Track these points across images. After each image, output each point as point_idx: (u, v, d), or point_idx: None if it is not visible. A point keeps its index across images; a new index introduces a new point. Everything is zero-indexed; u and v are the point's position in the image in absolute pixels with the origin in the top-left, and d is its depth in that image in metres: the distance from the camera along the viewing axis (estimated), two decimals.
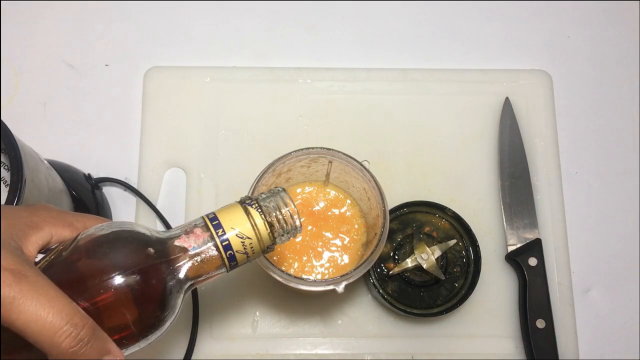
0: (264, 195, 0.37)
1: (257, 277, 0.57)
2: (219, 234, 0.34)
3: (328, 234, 0.53)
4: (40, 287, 0.29)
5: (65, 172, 0.56)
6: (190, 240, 0.34)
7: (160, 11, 0.67)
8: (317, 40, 0.67)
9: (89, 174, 0.59)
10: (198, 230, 0.35)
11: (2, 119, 0.43)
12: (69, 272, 0.32)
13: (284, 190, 0.37)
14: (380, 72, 0.64)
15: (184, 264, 0.34)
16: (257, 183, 0.47)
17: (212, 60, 0.65)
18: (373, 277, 0.54)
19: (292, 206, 0.37)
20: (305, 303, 0.57)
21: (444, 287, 0.55)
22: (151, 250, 0.33)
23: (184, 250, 0.34)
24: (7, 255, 0.30)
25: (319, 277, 0.51)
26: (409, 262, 0.53)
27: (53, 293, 0.29)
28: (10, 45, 0.65)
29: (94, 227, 0.35)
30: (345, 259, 0.52)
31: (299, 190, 0.54)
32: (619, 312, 0.59)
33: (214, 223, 0.35)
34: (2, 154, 0.44)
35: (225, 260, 0.35)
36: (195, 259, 0.34)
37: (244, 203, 0.36)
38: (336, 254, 0.52)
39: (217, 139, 0.61)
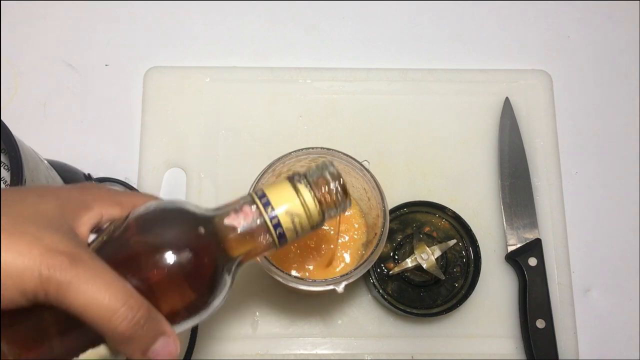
0: (312, 171, 0.36)
1: (257, 277, 0.57)
2: (268, 211, 0.34)
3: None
4: (95, 270, 0.29)
5: (65, 172, 0.56)
6: (239, 219, 0.34)
7: (160, 11, 0.67)
8: (317, 40, 0.67)
9: (89, 174, 0.59)
10: (247, 209, 0.34)
11: (2, 119, 0.43)
12: (121, 252, 0.33)
13: (332, 164, 0.37)
14: (380, 72, 0.64)
15: (233, 242, 0.34)
16: (256, 183, 0.47)
17: (212, 60, 0.65)
18: (373, 277, 0.54)
19: (342, 180, 0.36)
20: (305, 303, 0.57)
21: (444, 287, 0.55)
22: (202, 229, 0.33)
23: (234, 228, 0.34)
24: (62, 239, 0.30)
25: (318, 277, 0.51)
26: (409, 262, 0.53)
27: (109, 276, 0.30)
28: (10, 45, 0.65)
29: (144, 206, 0.35)
30: (346, 259, 0.52)
31: None
32: (619, 312, 0.59)
33: (262, 201, 0.34)
34: (2, 154, 0.44)
35: (275, 238, 0.35)
36: (245, 237, 0.34)
37: (292, 180, 0.35)
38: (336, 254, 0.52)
39: (217, 139, 0.61)
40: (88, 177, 0.58)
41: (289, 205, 0.34)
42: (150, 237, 0.33)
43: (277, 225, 0.34)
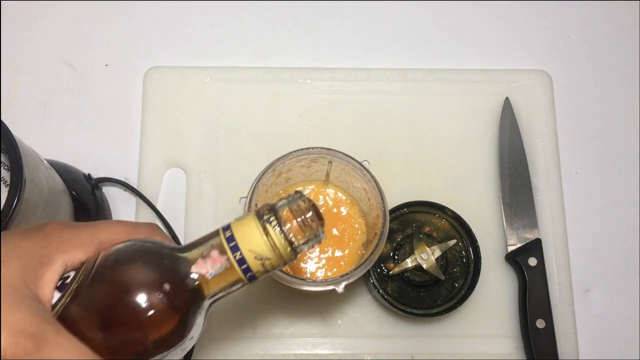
0: (279, 205, 0.35)
1: None
2: (237, 257, 0.34)
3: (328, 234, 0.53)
4: (61, 349, 0.29)
5: (65, 172, 0.56)
6: (207, 266, 0.34)
7: (160, 11, 0.67)
8: (317, 40, 0.67)
9: (89, 174, 0.59)
10: (215, 254, 0.34)
11: (2, 119, 0.43)
12: (88, 312, 0.33)
13: (302, 194, 0.35)
14: (380, 72, 0.64)
15: (203, 287, 0.34)
16: (257, 183, 0.47)
17: (212, 60, 0.65)
18: (373, 277, 0.54)
19: (313, 211, 0.35)
20: (305, 303, 0.57)
21: (444, 287, 0.55)
22: (167, 285, 0.33)
23: (202, 275, 0.34)
24: (26, 316, 0.29)
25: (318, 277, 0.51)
26: (409, 262, 0.53)
27: (75, 351, 0.30)
28: (10, 45, 0.65)
29: (104, 256, 0.34)
30: (346, 259, 0.52)
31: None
32: (619, 312, 0.59)
33: (231, 245, 0.34)
34: (2, 154, 0.44)
35: (245, 280, 0.34)
36: (215, 281, 0.34)
37: (262, 219, 0.34)
38: (336, 254, 0.52)
39: (217, 139, 0.61)
40: (88, 177, 0.58)
41: (257, 248, 0.33)
42: (114, 295, 0.33)
43: (247, 269, 0.34)
